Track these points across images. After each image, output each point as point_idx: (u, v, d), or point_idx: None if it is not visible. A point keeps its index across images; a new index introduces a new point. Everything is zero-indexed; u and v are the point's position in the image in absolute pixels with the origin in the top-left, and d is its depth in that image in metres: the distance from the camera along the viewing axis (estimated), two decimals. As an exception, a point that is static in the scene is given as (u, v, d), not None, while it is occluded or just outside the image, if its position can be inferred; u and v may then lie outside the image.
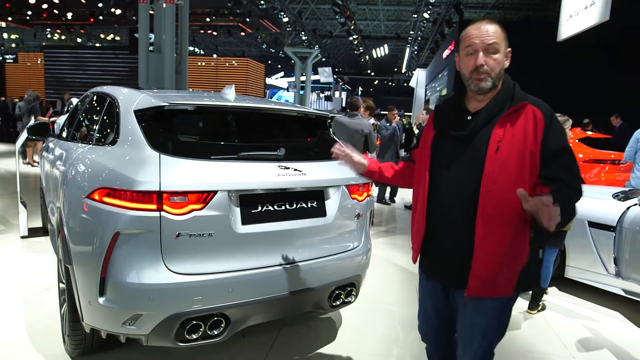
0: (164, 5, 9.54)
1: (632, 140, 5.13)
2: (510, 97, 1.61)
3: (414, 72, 28.71)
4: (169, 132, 2.37)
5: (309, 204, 2.52)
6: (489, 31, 1.59)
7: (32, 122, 4.44)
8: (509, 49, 1.64)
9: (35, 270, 3.92)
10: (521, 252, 1.62)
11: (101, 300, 2.11)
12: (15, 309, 3.17)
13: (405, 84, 37.47)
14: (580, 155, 7.90)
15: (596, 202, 3.93)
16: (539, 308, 3.61)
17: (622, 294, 3.62)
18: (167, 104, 2.31)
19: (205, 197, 2.13)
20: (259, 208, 2.33)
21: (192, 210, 2.10)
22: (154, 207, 2.04)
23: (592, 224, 3.79)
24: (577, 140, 8.18)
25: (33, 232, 4.87)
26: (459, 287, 1.68)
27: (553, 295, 3.99)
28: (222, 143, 2.47)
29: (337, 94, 43.06)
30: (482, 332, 1.68)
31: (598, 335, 3.29)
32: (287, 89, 41.48)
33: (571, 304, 3.82)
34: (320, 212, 2.56)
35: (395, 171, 2.03)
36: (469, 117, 1.66)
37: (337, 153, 1.98)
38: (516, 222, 1.57)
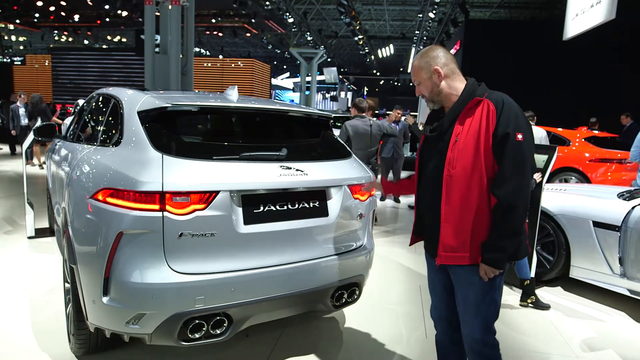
0: (170, 6, 9.60)
1: (637, 139, 5.08)
2: (470, 97, 1.90)
3: (419, 71, 28.57)
4: (172, 132, 2.39)
5: (311, 204, 2.53)
6: (412, 70, 2.03)
7: (38, 123, 4.48)
8: (435, 67, 1.94)
9: (41, 271, 3.97)
10: (483, 226, 1.85)
11: (105, 299, 2.13)
12: (21, 309, 3.21)
13: (411, 84, 37.26)
14: (587, 155, 7.87)
15: (601, 201, 3.91)
16: (529, 300, 3.66)
17: (628, 294, 3.60)
18: (170, 105, 2.33)
19: (207, 197, 2.15)
20: (261, 208, 2.34)
21: (195, 210, 2.12)
22: (156, 207, 2.06)
23: (597, 224, 3.76)
24: (583, 140, 8.14)
25: (40, 233, 4.92)
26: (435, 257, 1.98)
27: (558, 295, 3.97)
28: (225, 143, 2.48)
29: (342, 94, 43.05)
30: (473, 304, 1.92)
31: (603, 336, 3.27)
32: (293, 90, 41.54)
33: (576, 304, 3.81)
34: (323, 212, 2.56)
35: (408, 182, 2.37)
36: (441, 119, 2.00)
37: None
38: (474, 200, 1.84)
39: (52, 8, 21.67)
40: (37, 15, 23.05)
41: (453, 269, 1.95)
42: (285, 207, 2.43)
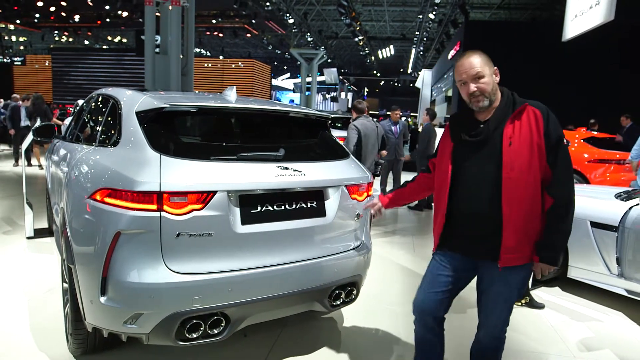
0: (170, 7, 9.60)
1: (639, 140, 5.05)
2: (512, 103, 1.97)
3: (419, 72, 28.64)
4: (170, 133, 2.41)
5: (309, 204, 2.53)
6: (472, 64, 1.95)
7: (37, 123, 4.49)
8: (495, 68, 1.99)
9: (40, 271, 3.98)
10: (538, 224, 1.95)
11: (103, 299, 2.14)
12: (20, 309, 3.22)
13: (411, 85, 37.38)
14: (586, 155, 7.87)
15: (599, 202, 3.91)
16: (523, 301, 3.68)
17: (625, 294, 3.60)
18: (167, 106, 2.34)
19: (205, 197, 2.16)
20: (259, 208, 2.35)
21: (192, 210, 2.13)
22: (154, 207, 2.07)
23: (594, 224, 3.77)
24: (582, 140, 8.15)
25: (39, 233, 4.93)
26: (491, 260, 1.97)
27: (555, 295, 3.98)
28: (222, 144, 2.49)
29: (343, 95, 43.07)
30: (504, 300, 2.02)
31: (600, 336, 3.28)
32: (293, 90, 41.56)
33: (573, 304, 3.81)
34: (320, 212, 2.57)
35: (408, 192, 2.41)
36: (482, 125, 2.00)
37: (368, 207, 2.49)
38: (530, 201, 1.90)
39: (52, 8, 21.70)
40: (37, 15, 23.09)
41: (508, 270, 1.96)
42: (283, 207, 2.43)
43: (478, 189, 1.98)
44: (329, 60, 32.41)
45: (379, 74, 42.21)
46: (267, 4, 18.65)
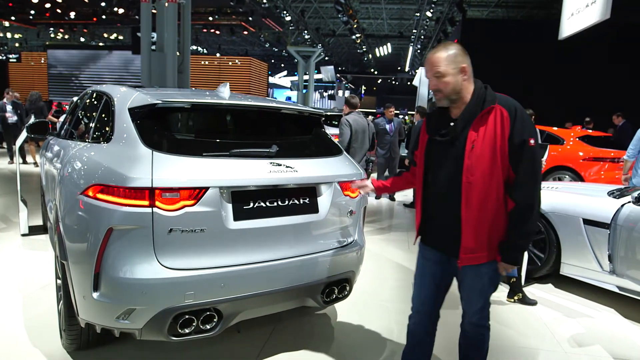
0: (166, 4, 9.58)
1: (635, 138, 5.06)
2: (482, 102, 1.93)
3: (417, 70, 28.63)
4: (163, 129, 2.41)
5: (301, 201, 2.54)
6: (434, 61, 1.93)
7: (31, 120, 4.48)
8: (463, 65, 1.92)
9: (34, 268, 3.98)
10: (502, 225, 1.96)
11: (95, 295, 2.14)
12: (14, 305, 3.22)
13: (408, 83, 37.38)
14: (581, 154, 7.91)
15: (591, 199, 3.94)
16: (516, 297, 3.71)
17: (617, 290, 3.63)
18: (160, 102, 2.34)
19: (197, 193, 2.17)
20: (251, 204, 2.36)
21: (184, 206, 2.14)
22: (146, 203, 2.08)
23: (587, 221, 3.79)
24: (577, 139, 8.18)
25: (33, 230, 4.93)
26: (456, 257, 2.02)
27: (547, 292, 4.01)
28: (215, 140, 2.50)
29: (340, 92, 43.03)
30: (479, 291, 2.07)
31: (592, 332, 3.31)
32: (291, 88, 41.52)
33: (565, 301, 3.84)
34: (313, 208, 2.58)
35: (401, 180, 2.46)
36: (452, 124, 1.99)
37: (358, 187, 2.59)
38: (492, 204, 1.91)
39: (47, 5, 21.57)
40: (32, 12, 22.94)
41: (473, 267, 2.01)
42: (275, 204, 2.44)
43: (443, 189, 2.02)
44: (326, 58, 32.37)
45: (376, 72, 42.17)
46: (264, 1, 18.61)
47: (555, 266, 4.06)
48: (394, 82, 46.36)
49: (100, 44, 32.01)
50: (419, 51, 29.03)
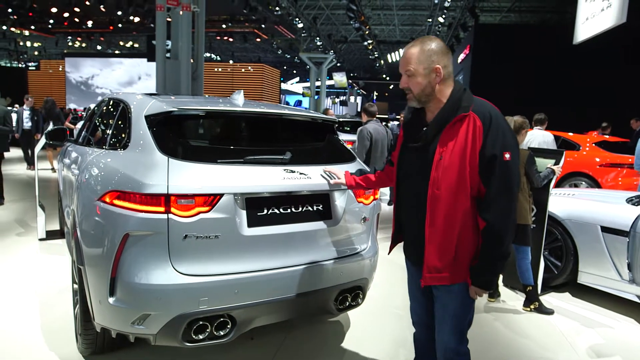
0: (181, 12, 9.70)
1: (638, 149, 4.94)
2: (456, 107, 1.76)
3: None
4: (178, 136, 2.44)
5: (315, 207, 2.54)
6: (407, 57, 1.79)
7: (50, 127, 4.57)
8: (437, 66, 1.76)
9: (51, 272, 4.03)
10: (469, 246, 1.79)
11: (111, 300, 2.17)
12: (31, 309, 3.27)
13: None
14: (597, 159, 7.79)
15: (609, 206, 3.87)
16: (532, 306, 3.64)
17: (637, 300, 3.55)
18: (175, 109, 2.37)
19: (211, 200, 2.18)
20: (265, 211, 2.36)
21: (199, 212, 2.15)
22: (162, 209, 2.10)
23: (605, 229, 3.73)
24: (593, 144, 8.06)
25: (51, 235, 5.00)
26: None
27: (565, 301, 3.93)
28: (229, 147, 2.52)
29: (352, 98, 43.07)
30: (452, 312, 1.87)
31: (610, 342, 3.24)
32: (303, 94, 41.66)
33: (584, 310, 3.77)
34: (326, 215, 2.58)
35: (374, 179, 2.39)
36: (424, 129, 1.85)
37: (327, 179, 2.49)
38: (459, 221, 1.76)
39: (66, 14, 22.04)
40: (51, 21, 23.47)
41: (442, 286, 1.88)
42: (289, 210, 2.45)
43: (412, 201, 1.89)
44: (338, 64, 32.45)
45: (388, 78, 42.17)
46: (277, 8, 18.76)
47: (572, 274, 3.99)
48: (406, 88, 46.17)
49: (117, 52, 32.54)
50: (431, 57, 28.88)
